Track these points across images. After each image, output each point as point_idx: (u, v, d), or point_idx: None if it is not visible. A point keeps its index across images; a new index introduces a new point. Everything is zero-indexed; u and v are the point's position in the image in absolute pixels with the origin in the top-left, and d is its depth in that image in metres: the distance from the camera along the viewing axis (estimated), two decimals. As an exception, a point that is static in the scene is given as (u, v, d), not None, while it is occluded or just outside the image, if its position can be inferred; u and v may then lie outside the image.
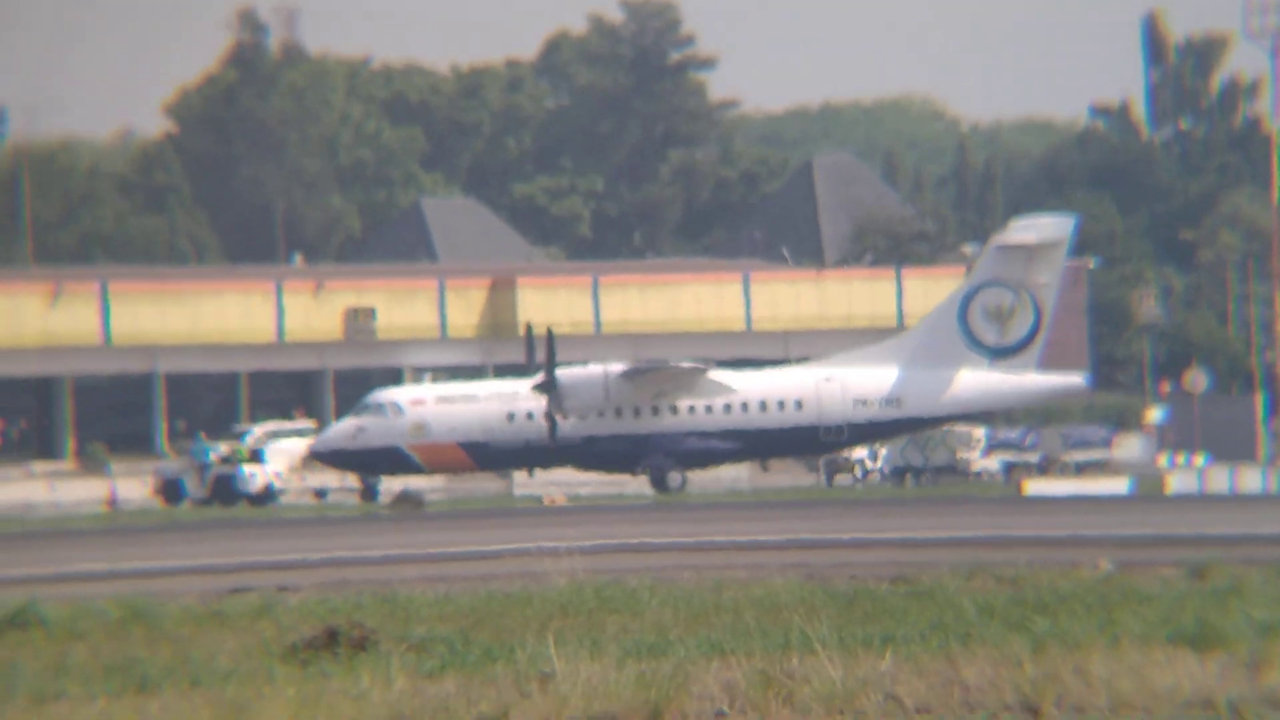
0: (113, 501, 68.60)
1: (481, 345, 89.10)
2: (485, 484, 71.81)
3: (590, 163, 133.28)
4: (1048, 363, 68.54)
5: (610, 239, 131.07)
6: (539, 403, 62.54)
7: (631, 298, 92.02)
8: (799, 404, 63.49)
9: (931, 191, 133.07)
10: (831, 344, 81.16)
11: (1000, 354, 64.04)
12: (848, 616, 18.23)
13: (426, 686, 14.80)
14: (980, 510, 42.30)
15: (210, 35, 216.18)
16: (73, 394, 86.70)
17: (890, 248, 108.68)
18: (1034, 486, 57.67)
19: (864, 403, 63.57)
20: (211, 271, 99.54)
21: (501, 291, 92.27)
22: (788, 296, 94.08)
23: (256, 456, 67.67)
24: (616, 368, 63.56)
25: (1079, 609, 18.28)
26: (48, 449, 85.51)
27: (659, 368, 63.61)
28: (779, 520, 38.31)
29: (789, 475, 73.33)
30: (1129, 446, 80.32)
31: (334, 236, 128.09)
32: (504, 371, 77.95)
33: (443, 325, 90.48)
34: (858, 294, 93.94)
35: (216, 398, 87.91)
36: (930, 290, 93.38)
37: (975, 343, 64.04)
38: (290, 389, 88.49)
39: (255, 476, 66.59)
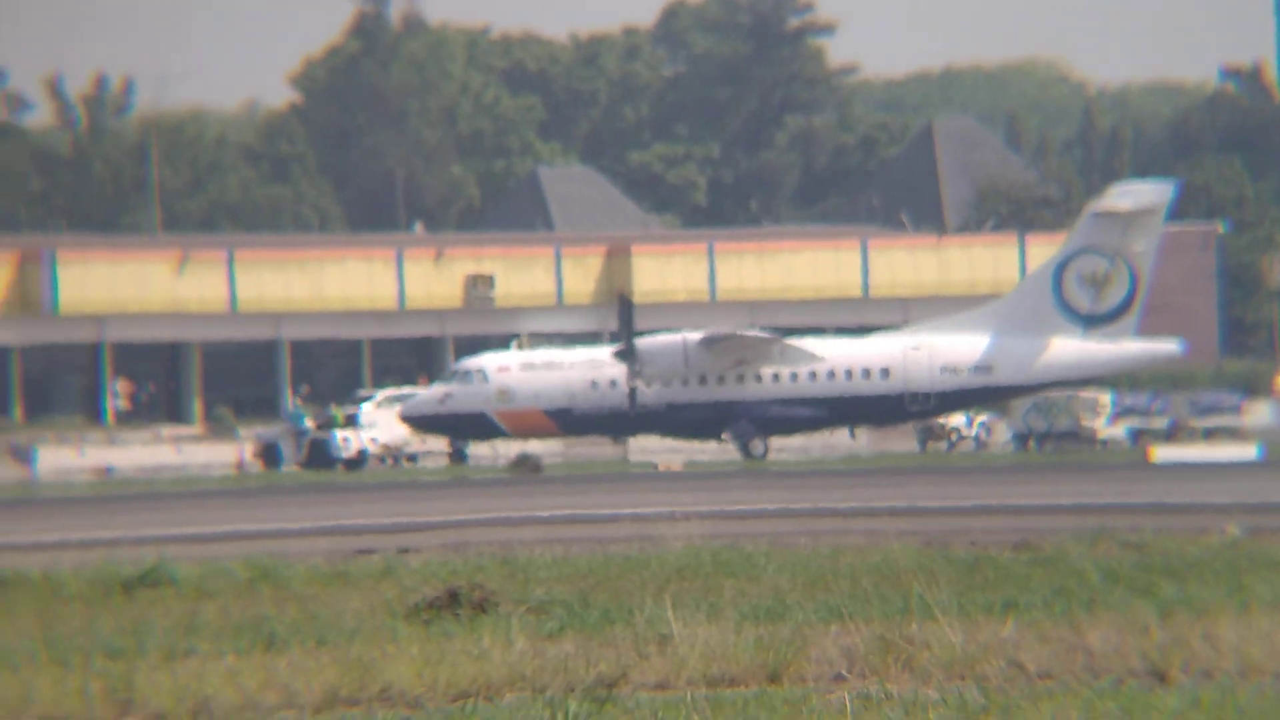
0: (240, 464, 69.72)
1: (597, 312, 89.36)
2: (601, 449, 72.17)
3: (707, 130, 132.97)
4: (1175, 328, 67.32)
5: (726, 206, 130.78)
6: (622, 370, 62.70)
7: (747, 265, 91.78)
8: (885, 372, 63.13)
9: (1056, 156, 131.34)
10: (952, 311, 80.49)
11: (1095, 321, 63.23)
12: (968, 583, 18.11)
13: (546, 647, 14.90)
14: (1106, 476, 41.85)
15: (334, 6, 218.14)
16: (200, 359, 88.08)
17: (1013, 213, 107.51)
18: (1161, 453, 56.89)
19: (952, 370, 62.97)
20: (334, 239, 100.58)
21: (617, 259, 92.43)
22: (907, 263, 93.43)
23: (351, 422, 68.51)
24: (695, 335, 63.61)
25: (1207, 575, 18.05)
26: (176, 413, 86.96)
27: (736, 335, 63.54)
28: (896, 486, 38.15)
29: (891, 442, 72.88)
30: (1259, 412, 79.04)
31: (453, 205, 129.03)
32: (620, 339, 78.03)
33: (559, 292, 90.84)
34: (979, 260, 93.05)
35: (340, 364, 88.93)
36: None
37: (1069, 310, 63.21)
38: (411, 355, 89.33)
39: (349, 442, 67.43)
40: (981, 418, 71.30)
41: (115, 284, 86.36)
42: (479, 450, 68.58)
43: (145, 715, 13.17)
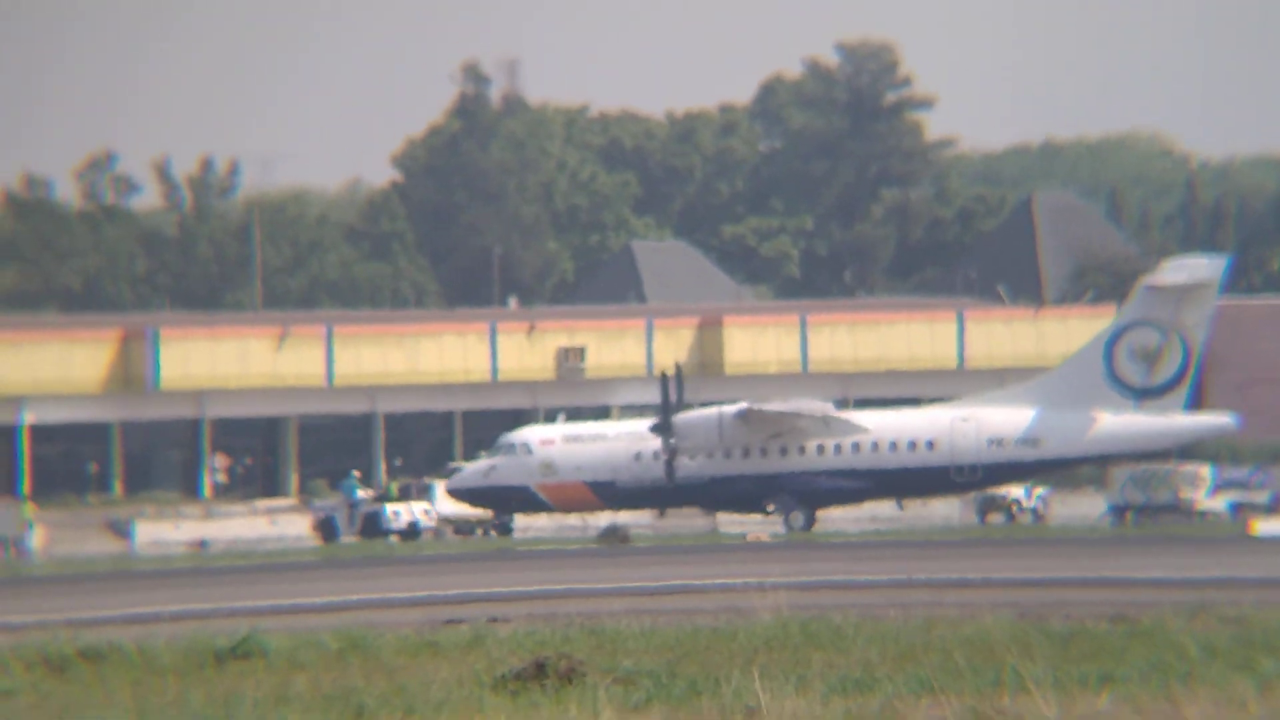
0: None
1: (689, 383, 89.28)
2: (690, 520, 71.93)
3: (802, 204, 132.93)
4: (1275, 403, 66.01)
5: (820, 279, 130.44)
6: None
7: (840, 336, 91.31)
8: (931, 444, 62.91)
9: (1158, 229, 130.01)
10: None
11: (1146, 394, 62.84)
12: (1063, 656, 17.70)
13: (632, 718, 14.64)
14: (1205, 549, 41.02)
15: (436, 87, 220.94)
16: (297, 433, 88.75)
17: (1113, 286, 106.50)
18: (1263, 526, 55.89)
19: (999, 442, 62.70)
20: (431, 315, 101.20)
21: (709, 330, 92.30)
22: (1003, 335, 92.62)
23: (404, 495, 69.59)
24: (731, 409, 63.70)
25: (1306, 649, 17.54)
26: (272, 486, 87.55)
27: (770, 410, 63.45)
28: (990, 559, 37.56)
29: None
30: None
31: (548, 279, 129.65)
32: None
33: (649, 363, 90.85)
34: (1076, 332, 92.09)
35: (434, 436, 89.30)
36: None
37: (1120, 383, 62.86)
38: (504, 427, 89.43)
39: (399, 515, 68.32)
40: (1040, 490, 70.71)
41: (216, 360, 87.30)
42: (569, 521, 68.47)
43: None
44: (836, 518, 66.17)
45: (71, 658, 19.55)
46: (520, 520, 68.79)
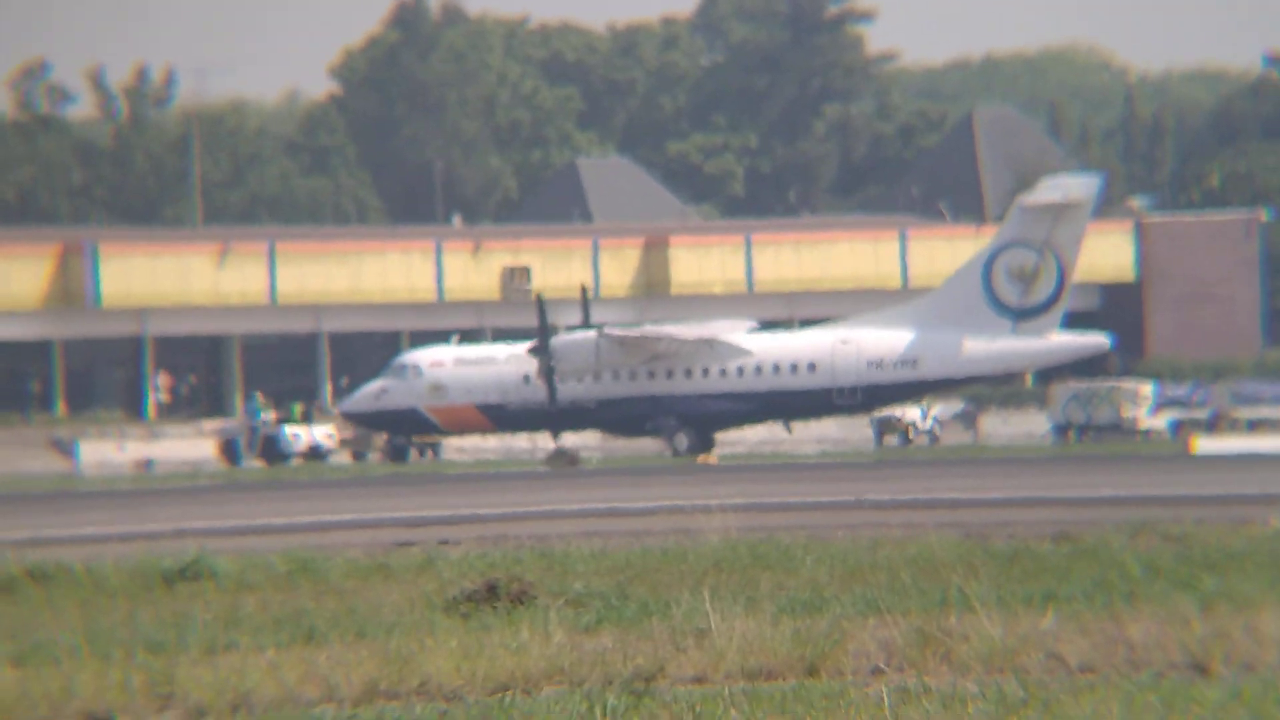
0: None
1: (635, 304, 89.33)
2: (638, 443, 72.21)
3: (745, 120, 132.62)
4: (1217, 317, 66.78)
5: (764, 196, 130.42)
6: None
7: (785, 255, 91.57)
8: (812, 366, 63.45)
9: (1098, 144, 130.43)
10: None
11: (1024, 315, 63.20)
12: (1007, 575, 18.03)
13: (584, 640, 14.90)
14: (1147, 467, 41.60)
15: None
16: (241, 352, 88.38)
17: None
18: (1203, 444, 56.55)
19: (878, 364, 63.18)
20: (374, 232, 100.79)
21: (655, 250, 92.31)
22: (946, 253, 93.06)
23: (306, 418, 69.42)
24: (612, 332, 64.00)
25: (1249, 567, 17.93)
26: (217, 406, 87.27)
27: (645, 335, 63.98)
28: (932, 479, 38.02)
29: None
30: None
31: (492, 196, 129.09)
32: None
33: (596, 284, 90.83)
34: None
35: (379, 356, 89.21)
36: (1096, 246, 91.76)
37: (999, 304, 63.24)
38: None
39: (299, 438, 68.52)
40: (935, 411, 71.14)
41: (156, 277, 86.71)
42: (518, 443, 68.62)
43: (186, 709, 13.22)
44: (747, 440, 66.64)
45: (18, 577, 19.63)
46: (470, 442, 68.90)
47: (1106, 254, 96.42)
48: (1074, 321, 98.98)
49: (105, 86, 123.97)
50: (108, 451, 76.18)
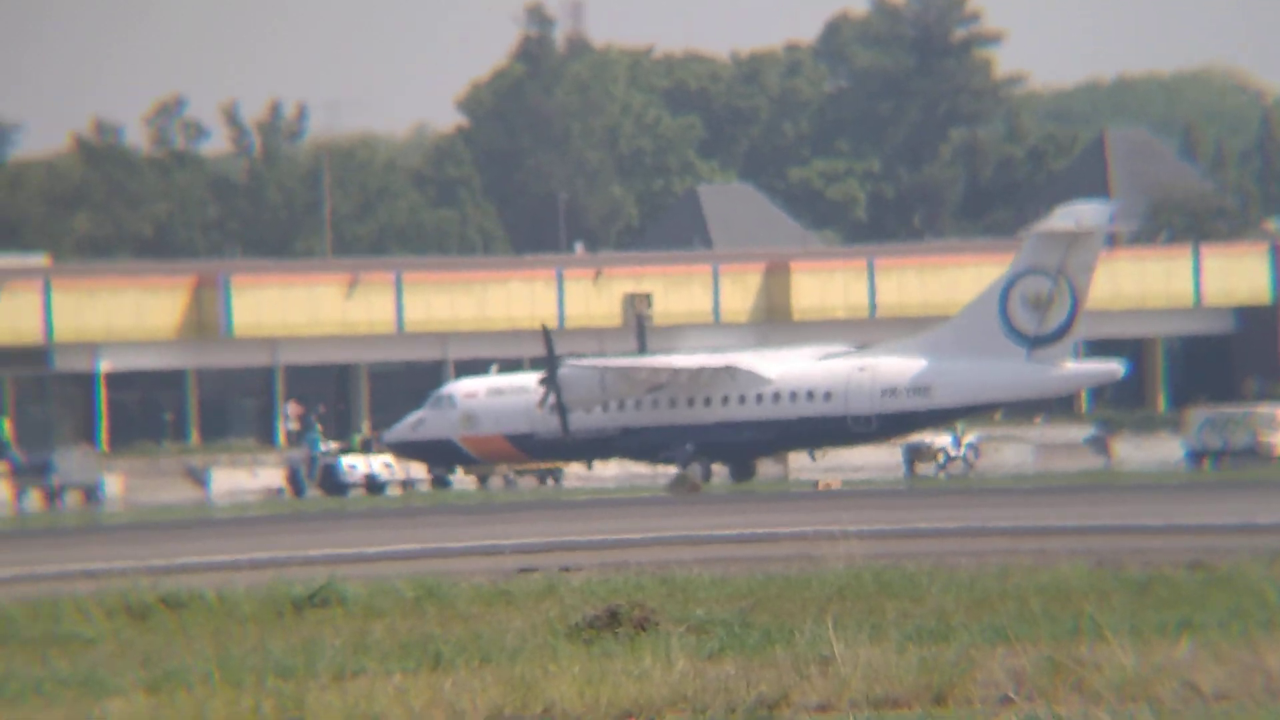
0: (407, 483, 71.00)
1: (755, 329, 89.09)
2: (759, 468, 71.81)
3: (868, 145, 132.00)
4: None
5: (888, 222, 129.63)
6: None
7: (909, 280, 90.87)
8: (828, 395, 63.29)
9: (1234, 166, 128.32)
10: (1125, 325, 78.75)
11: (1038, 343, 62.74)
12: (1141, 603, 17.67)
13: (707, 667, 14.77)
14: None
15: (501, 30, 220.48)
16: (368, 380, 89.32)
17: (1189, 225, 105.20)
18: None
19: (892, 392, 62.82)
20: (498, 261, 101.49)
21: (776, 276, 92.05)
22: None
23: (365, 448, 70.19)
24: (618, 362, 64.50)
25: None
26: (345, 433, 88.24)
27: (643, 366, 64.22)
28: (1065, 505, 37.42)
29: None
30: None
31: (613, 225, 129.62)
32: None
33: (716, 310, 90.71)
34: (1151, 273, 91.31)
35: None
36: (1230, 268, 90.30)
37: (1014, 332, 62.86)
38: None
39: (355, 468, 69.24)
40: (969, 438, 70.58)
41: (287, 307, 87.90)
42: (638, 469, 68.72)
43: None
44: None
45: (153, 605, 19.86)
46: (586, 470, 69.11)
47: (1242, 277, 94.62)
48: (1209, 345, 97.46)
49: (239, 122, 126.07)
50: (239, 479, 77.17)
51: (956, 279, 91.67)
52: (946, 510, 36.79)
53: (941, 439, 69.39)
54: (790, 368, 64.47)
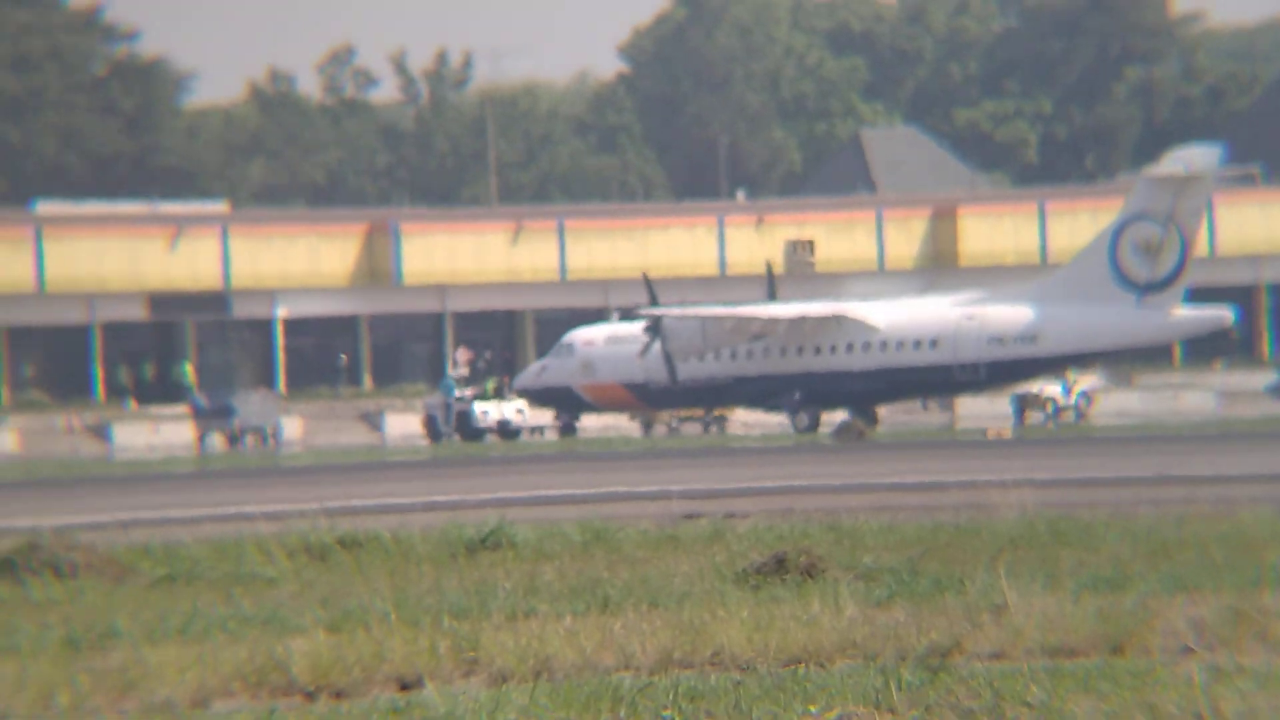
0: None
1: (921, 276, 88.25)
2: (924, 415, 71.35)
3: (1039, 86, 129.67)
4: None
5: (1060, 164, 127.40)
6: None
7: (1082, 224, 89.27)
8: (934, 343, 62.32)
9: None
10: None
11: (1149, 289, 61.24)
12: (1325, 553, 17.23)
13: (876, 614, 14.73)
14: None
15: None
16: (534, 326, 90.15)
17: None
18: None
19: (999, 340, 61.56)
20: (659, 208, 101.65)
21: (942, 221, 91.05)
22: (1257, 220, 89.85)
23: (499, 394, 70.82)
24: (717, 311, 64.21)
25: None
26: (511, 379, 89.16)
27: (747, 315, 63.62)
28: (1245, 453, 36.73)
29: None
30: None
31: (775, 170, 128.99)
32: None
33: (880, 256, 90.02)
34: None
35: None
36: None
37: (1124, 279, 61.28)
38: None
39: (488, 413, 69.89)
40: (1082, 385, 68.88)
41: (455, 255, 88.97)
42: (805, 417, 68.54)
43: (490, 673, 13.41)
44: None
45: (331, 546, 20.21)
46: (754, 416, 69.41)
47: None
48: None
49: (407, 71, 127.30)
50: (412, 424, 78.41)
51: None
52: (1123, 459, 36.26)
53: (1051, 387, 67.97)
54: (898, 315, 63.93)
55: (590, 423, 71.68)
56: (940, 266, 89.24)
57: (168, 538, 21.95)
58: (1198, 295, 68.51)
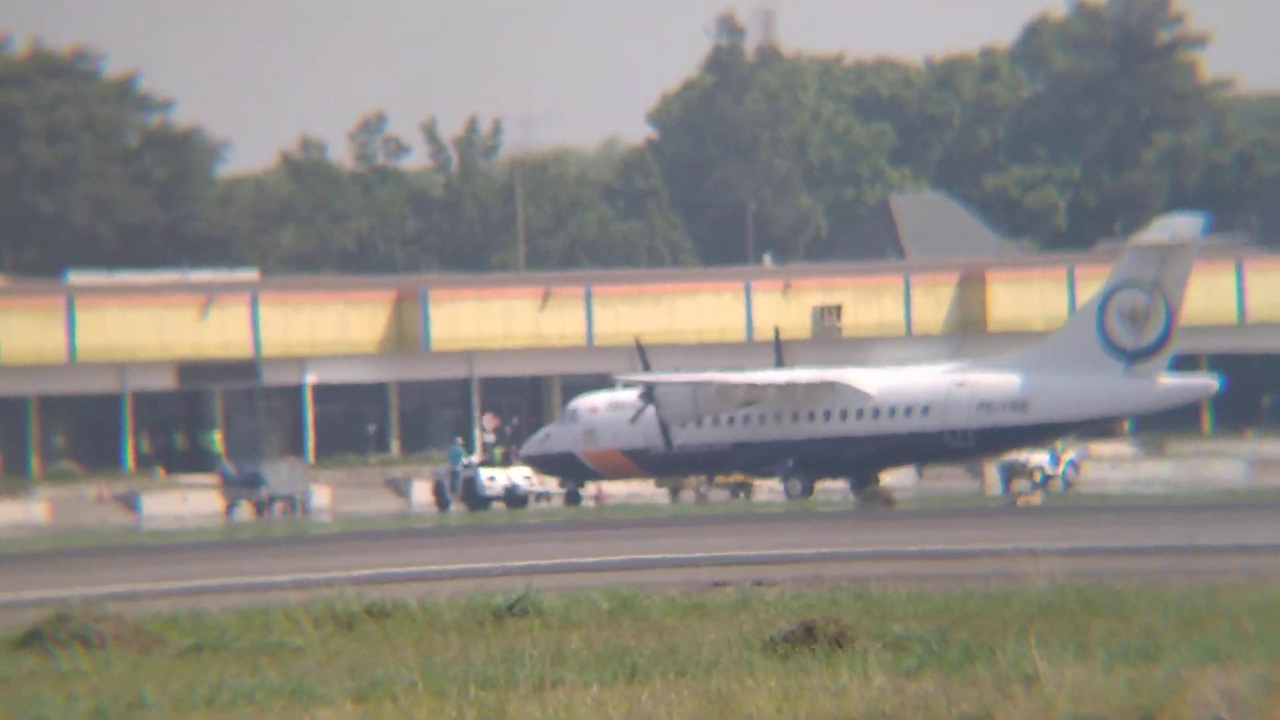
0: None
1: (948, 341, 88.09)
2: (954, 482, 71.06)
3: (1067, 151, 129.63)
4: None
5: (1088, 229, 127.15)
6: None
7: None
8: (926, 410, 62.46)
9: None
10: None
11: (1136, 357, 61.45)
12: (1356, 624, 17.06)
13: (905, 685, 14.60)
14: None
15: (692, 42, 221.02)
16: (560, 391, 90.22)
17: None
18: None
19: (988, 407, 61.75)
20: (686, 273, 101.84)
21: (971, 286, 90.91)
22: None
23: (506, 460, 71.40)
24: (709, 378, 64.72)
25: None
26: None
27: (736, 382, 63.95)
28: (1274, 523, 36.39)
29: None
30: None
31: (802, 235, 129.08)
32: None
33: (907, 321, 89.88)
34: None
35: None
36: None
37: (1112, 346, 61.54)
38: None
39: (495, 479, 69.86)
40: (1069, 455, 69.09)
41: (482, 320, 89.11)
42: (831, 485, 68.39)
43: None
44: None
45: (359, 614, 20.21)
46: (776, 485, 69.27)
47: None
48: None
49: (437, 138, 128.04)
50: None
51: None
52: (1150, 528, 36.02)
53: (1038, 456, 68.30)
54: (892, 382, 64.18)
55: (616, 490, 71.59)
56: (968, 331, 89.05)
57: (195, 607, 21.91)
58: (1228, 361, 68.45)
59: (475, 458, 73.79)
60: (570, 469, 67.17)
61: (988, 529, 37.06)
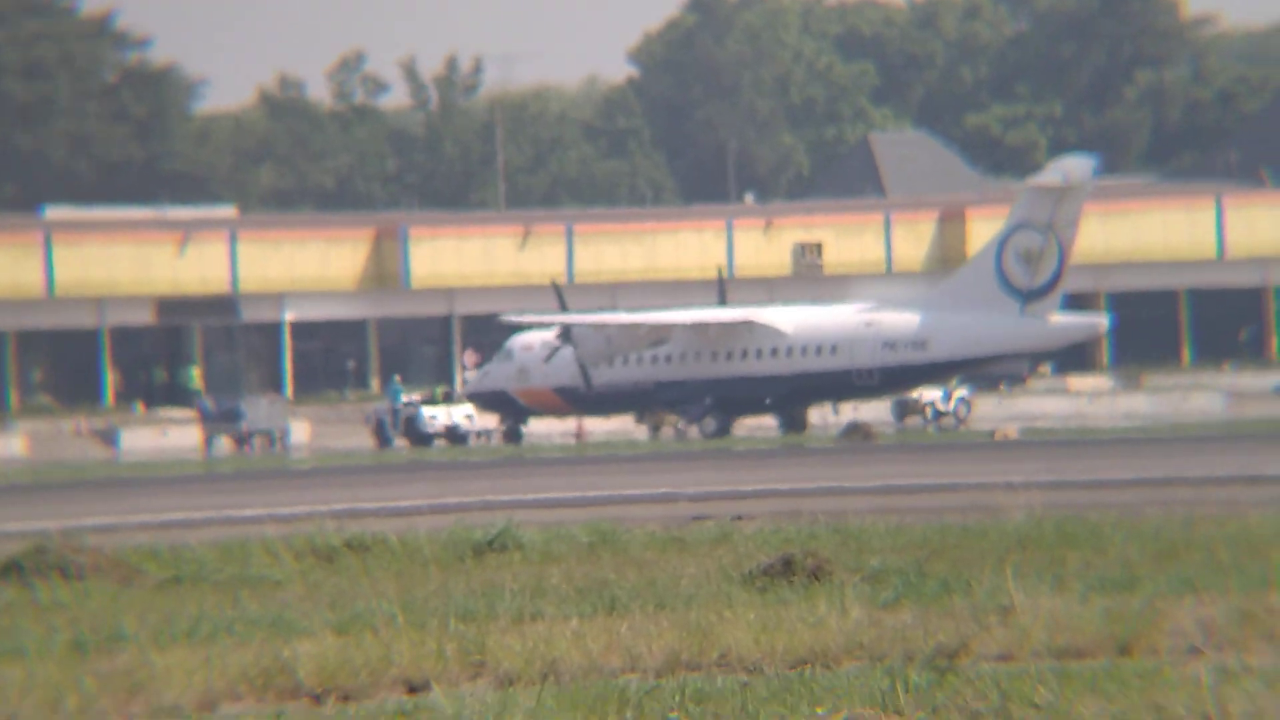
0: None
1: (929, 278, 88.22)
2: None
3: (1049, 89, 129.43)
4: None
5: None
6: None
7: (1092, 226, 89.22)
8: (834, 349, 63.43)
9: None
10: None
11: (1031, 296, 62.45)
12: (1332, 555, 17.17)
13: (883, 616, 14.71)
14: None
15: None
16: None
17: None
18: None
19: (892, 346, 62.55)
20: (667, 212, 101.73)
21: (950, 223, 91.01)
22: (1266, 221, 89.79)
23: (447, 399, 71.18)
24: (619, 318, 65.25)
25: None
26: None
27: (649, 323, 64.45)
28: (1252, 454, 36.66)
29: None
30: None
31: (784, 174, 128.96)
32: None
33: (888, 259, 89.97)
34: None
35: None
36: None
37: (1009, 286, 62.53)
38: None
39: (435, 419, 70.07)
40: (960, 392, 69.95)
41: (463, 259, 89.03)
42: (810, 419, 68.58)
43: (497, 676, 13.40)
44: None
45: (338, 548, 20.26)
46: (762, 420, 69.55)
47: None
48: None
49: (417, 76, 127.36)
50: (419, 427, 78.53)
51: (1141, 224, 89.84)
52: (1129, 460, 36.20)
53: (931, 393, 68.87)
54: (805, 321, 64.78)
55: (596, 426, 71.69)
56: (948, 269, 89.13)
57: (174, 540, 21.95)
58: (1209, 297, 68.77)
59: (418, 395, 73.86)
60: (505, 406, 67.57)
61: (965, 463, 37.22)
